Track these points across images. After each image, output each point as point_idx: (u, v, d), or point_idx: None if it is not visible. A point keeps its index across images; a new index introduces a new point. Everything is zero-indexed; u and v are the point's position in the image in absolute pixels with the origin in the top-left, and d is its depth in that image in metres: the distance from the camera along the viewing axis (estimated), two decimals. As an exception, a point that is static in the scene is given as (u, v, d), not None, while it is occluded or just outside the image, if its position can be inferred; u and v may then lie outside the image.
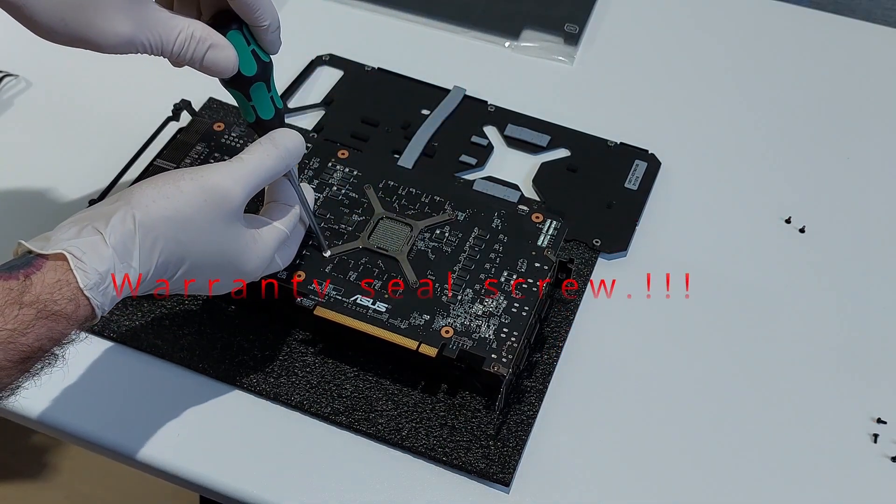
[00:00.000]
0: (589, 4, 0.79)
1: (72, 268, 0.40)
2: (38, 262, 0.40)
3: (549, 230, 0.56)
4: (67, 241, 0.41)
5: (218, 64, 0.46)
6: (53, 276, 0.40)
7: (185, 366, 0.54)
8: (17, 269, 0.39)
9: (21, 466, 1.13)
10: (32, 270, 0.40)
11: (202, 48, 0.45)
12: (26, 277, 0.39)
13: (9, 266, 0.40)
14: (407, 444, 0.51)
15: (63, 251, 0.40)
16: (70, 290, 0.40)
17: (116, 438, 0.52)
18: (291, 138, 0.49)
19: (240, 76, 0.47)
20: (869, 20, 0.78)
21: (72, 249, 0.40)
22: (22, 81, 0.70)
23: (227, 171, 0.45)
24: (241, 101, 0.49)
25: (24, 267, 0.40)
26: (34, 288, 0.39)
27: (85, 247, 0.40)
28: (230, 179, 0.45)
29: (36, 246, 0.40)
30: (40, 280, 0.39)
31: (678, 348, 0.57)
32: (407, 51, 0.74)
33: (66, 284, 0.40)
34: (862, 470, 0.52)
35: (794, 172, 0.67)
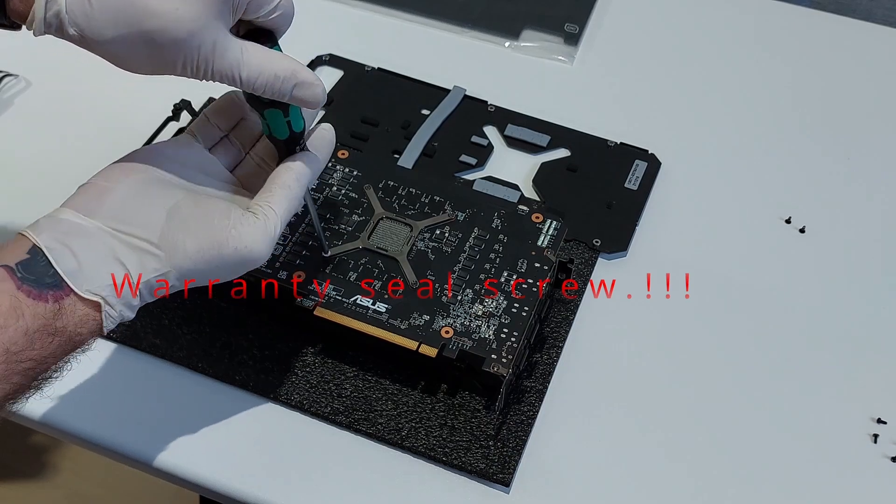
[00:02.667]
0: (589, 4, 0.79)
1: (101, 316, 0.41)
2: (66, 288, 0.40)
3: (549, 230, 0.56)
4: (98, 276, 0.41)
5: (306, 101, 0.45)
6: (82, 311, 0.41)
7: (185, 366, 0.54)
8: (45, 289, 0.40)
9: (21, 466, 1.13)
10: (62, 295, 0.40)
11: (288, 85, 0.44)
12: (55, 302, 0.40)
13: (35, 279, 0.40)
14: (407, 444, 0.51)
15: (99, 299, 0.41)
16: (94, 325, 0.41)
17: (116, 438, 0.52)
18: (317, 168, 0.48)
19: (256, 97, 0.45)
20: (869, 20, 0.78)
21: (105, 295, 0.41)
22: (22, 81, 0.70)
23: (265, 235, 0.44)
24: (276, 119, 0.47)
25: (52, 288, 0.40)
26: (63, 318, 0.40)
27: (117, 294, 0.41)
28: (266, 244, 0.44)
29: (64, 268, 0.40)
30: (70, 311, 0.40)
31: (678, 348, 0.57)
32: (407, 51, 0.74)
33: (92, 320, 0.41)
34: (862, 470, 0.52)
35: (794, 172, 0.67)
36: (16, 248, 0.41)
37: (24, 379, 0.39)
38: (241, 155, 0.50)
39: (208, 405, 0.53)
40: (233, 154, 0.49)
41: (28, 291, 0.39)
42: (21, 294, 0.39)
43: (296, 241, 0.55)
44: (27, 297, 0.39)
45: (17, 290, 0.39)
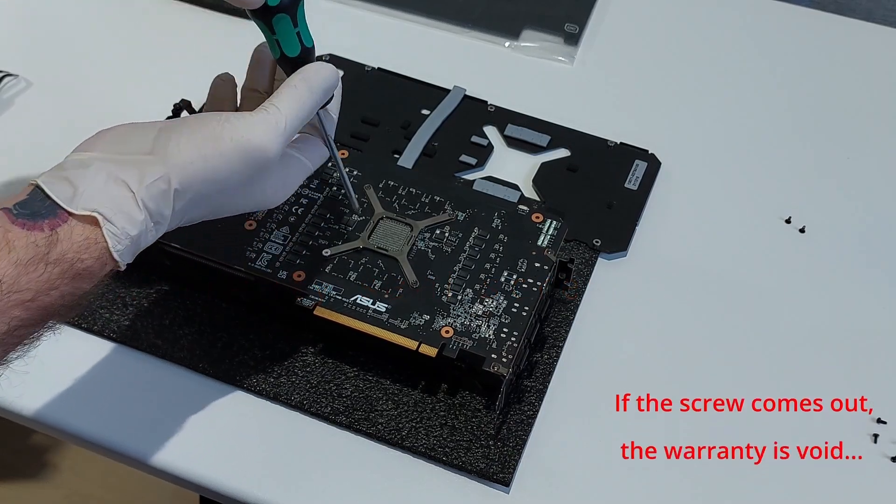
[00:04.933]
0: (589, 4, 0.79)
1: (102, 230, 0.38)
2: (62, 214, 0.38)
3: (549, 230, 0.56)
4: (95, 196, 0.39)
5: None
6: (81, 233, 0.38)
7: (185, 366, 0.54)
8: (40, 219, 0.38)
9: (21, 466, 1.13)
10: (58, 222, 0.38)
11: None
12: (52, 230, 0.38)
13: (30, 212, 0.38)
14: (407, 444, 0.51)
15: (94, 213, 0.38)
16: (98, 249, 0.39)
17: (116, 438, 0.52)
18: (326, 77, 0.46)
19: (264, 5, 0.44)
20: (869, 20, 0.78)
21: (103, 210, 0.38)
22: (22, 81, 0.70)
23: (266, 126, 0.43)
24: (266, 34, 0.46)
25: (48, 216, 0.38)
26: (60, 245, 0.38)
27: (116, 207, 0.39)
28: (270, 138, 0.43)
29: (59, 195, 0.38)
30: (67, 236, 0.38)
31: (678, 348, 0.57)
32: (407, 51, 0.74)
33: (95, 244, 0.39)
34: (862, 470, 0.52)
35: (794, 172, 0.67)
36: (18, 195, 0.39)
37: (28, 314, 0.37)
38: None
39: (208, 405, 0.53)
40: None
41: (22, 224, 0.38)
42: (15, 227, 0.37)
43: (296, 241, 0.55)
44: (20, 230, 0.37)
45: (10, 225, 0.37)
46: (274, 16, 0.45)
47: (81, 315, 0.55)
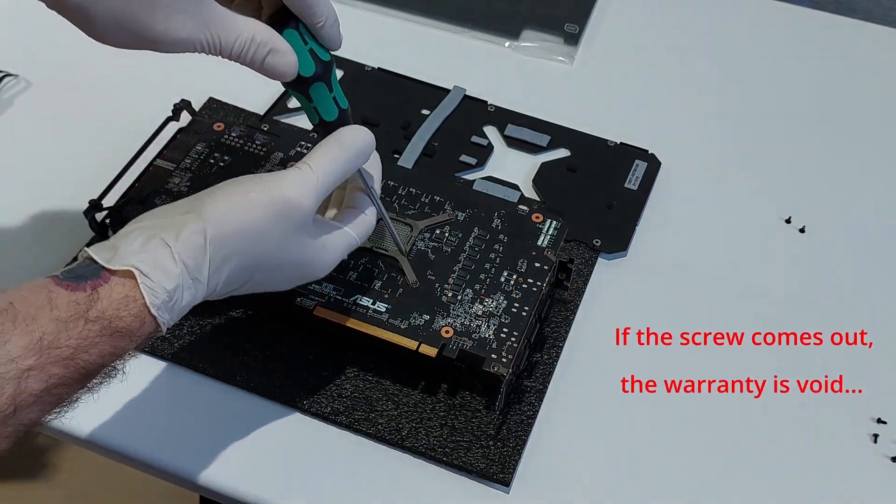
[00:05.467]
0: (589, 4, 0.79)
1: (139, 285, 0.39)
2: (104, 275, 0.39)
3: (549, 230, 0.56)
4: (135, 254, 0.40)
5: (277, 69, 0.44)
6: (121, 292, 0.39)
7: (186, 366, 0.54)
8: (83, 280, 0.39)
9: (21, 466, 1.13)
10: (99, 283, 0.39)
11: (262, 52, 0.43)
12: (93, 290, 0.39)
13: (75, 275, 0.39)
14: (407, 444, 0.51)
15: (131, 267, 0.39)
16: (137, 306, 0.39)
17: (116, 438, 0.52)
18: (359, 138, 0.47)
19: (298, 77, 0.45)
20: (869, 20, 0.78)
21: (139, 265, 0.39)
22: (22, 81, 0.70)
23: (297, 180, 0.44)
24: (303, 103, 0.47)
25: (90, 278, 0.39)
26: (100, 303, 0.38)
27: (153, 262, 0.40)
28: (301, 190, 0.44)
29: (102, 257, 0.40)
30: (107, 294, 0.39)
31: (678, 348, 0.56)
32: (407, 51, 0.74)
33: (133, 301, 0.39)
34: (862, 470, 0.52)
35: (794, 172, 0.67)
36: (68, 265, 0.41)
37: (67, 371, 0.38)
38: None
39: (209, 405, 0.53)
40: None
41: (66, 285, 0.39)
42: (58, 288, 0.38)
43: (296, 241, 0.55)
44: (64, 290, 0.38)
45: (54, 286, 0.38)
46: (310, 85, 0.46)
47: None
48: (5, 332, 0.36)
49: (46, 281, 0.39)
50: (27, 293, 0.38)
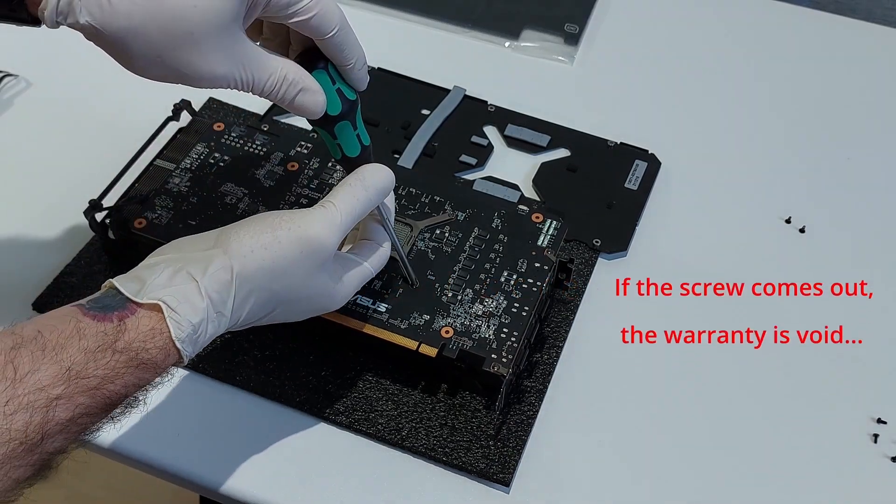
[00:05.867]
0: (589, 4, 0.79)
1: (166, 318, 0.40)
2: (130, 307, 0.40)
3: (549, 230, 0.56)
4: (161, 287, 0.40)
5: (307, 107, 0.45)
6: (147, 324, 0.40)
7: (186, 366, 0.54)
8: (110, 311, 0.40)
9: (21, 466, 1.13)
10: (126, 314, 0.40)
11: (293, 91, 0.44)
12: (120, 321, 0.39)
13: (101, 305, 0.40)
14: (407, 444, 0.51)
15: (158, 301, 0.40)
16: (162, 339, 0.40)
17: (116, 438, 0.52)
18: (381, 178, 0.48)
19: (325, 115, 0.47)
20: (869, 20, 0.78)
21: (167, 299, 0.40)
22: (22, 81, 0.70)
23: (322, 220, 0.45)
24: (327, 139, 0.48)
25: (117, 309, 0.40)
26: (127, 334, 0.39)
27: (180, 296, 0.40)
28: (326, 230, 0.45)
29: (129, 290, 0.40)
30: (134, 326, 0.40)
31: (678, 348, 0.56)
32: (407, 51, 0.74)
33: (159, 333, 0.40)
34: (862, 470, 0.52)
35: (794, 172, 0.67)
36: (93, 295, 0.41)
37: (93, 401, 0.38)
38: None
39: (208, 406, 0.53)
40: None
41: (93, 316, 0.39)
42: (86, 318, 0.39)
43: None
44: (91, 321, 0.39)
45: (82, 316, 0.39)
46: (336, 124, 0.47)
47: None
48: (35, 360, 0.37)
49: (73, 310, 0.40)
50: (55, 322, 0.39)
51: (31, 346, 0.37)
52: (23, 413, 0.36)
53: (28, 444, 0.36)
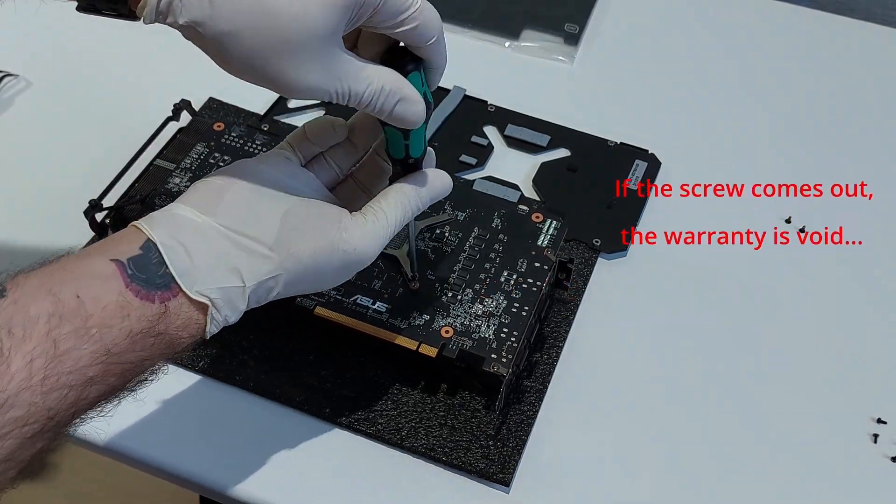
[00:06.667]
0: (589, 4, 0.79)
1: (207, 317, 0.40)
2: (174, 288, 0.39)
3: (549, 230, 0.56)
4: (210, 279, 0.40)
5: (406, 118, 0.43)
6: (187, 313, 0.40)
7: (186, 366, 0.54)
8: (153, 289, 0.39)
9: (21, 466, 1.13)
10: (168, 296, 0.39)
11: (391, 101, 0.42)
12: (162, 303, 0.39)
13: (145, 277, 0.39)
14: (407, 444, 0.51)
15: (206, 300, 0.40)
16: (197, 329, 0.40)
17: (116, 438, 0.52)
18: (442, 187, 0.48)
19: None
20: (869, 20, 0.78)
21: (214, 299, 0.40)
22: (22, 81, 0.70)
23: (374, 237, 0.44)
24: (396, 139, 0.46)
25: (160, 289, 0.39)
26: (167, 319, 0.39)
27: (226, 297, 0.40)
28: (373, 247, 0.44)
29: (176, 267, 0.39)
30: (176, 313, 0.39)
31: (678, 348, 0.57)
32: (407, 51, 0.74)
33: (195, 324, 0.40)
34: (862, 470, 0.52)
35: (794, 172, 0.67)
36: (128, 242, 0.40)
37: (121, 381, 0.39)
38: (338, 176, 0.48)
39: (208, 405, 0.53)
40: (330, 174, 0.47)
41: (136, 291, 0.38)
42: (129, 293, 0.38)
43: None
44: (135, 297, 0.38)
45: (125, 289, 0.38)
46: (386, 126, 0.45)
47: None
48: (78, 337, 0.36)
49: (114, 271, 0.38)
50: (96, 289, 0.37)
51: (74, 319, 0.36)
52: (59, 391, 0.36)
53: (57, 420, 0.36)
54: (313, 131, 0.47)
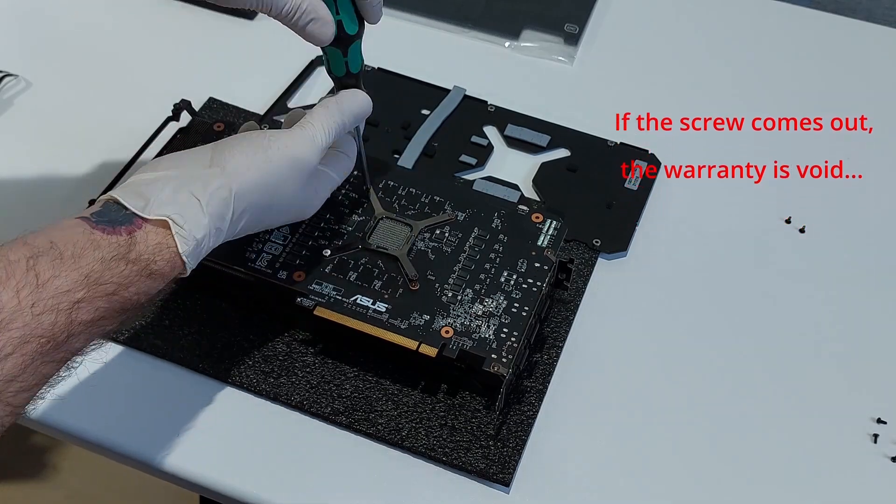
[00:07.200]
0: (589, 4, 0.79)
1: (173, 234, 0.43)
2: (137, 221, 0.43)
3: (549, 230, 0.56)
4: (166, 204, 0.43)
5: (315, 37, 0.49)
6: (154, 239, 0.43)
7: (186, 366, 0.54)
8: (118, 225, 0.42)
9: (21, 466, 1.13)
10: (134, 229, 0.42)
11: (305, 20, 0.48)
12: (129, 234, 0.42)
13: (108, 219, 0.42)
14: (407, 444, 0.51)
15: (166, 218, 0.43)
16: (169, 252, 0.43)
17: (116, 438, 0.52)
18: (359, 104, 0.52)
19: (343, 36, 0.50)
20: (869, 20, 0.78)
21: (174, 217, 0.43)
22: (22, 81, 0.70)
23: (307, 140, 0.49)
24: (335, 57, 0.51)
25: (124, 224, 0.42)
26: (137, 247, 0.42)
27: (185, 212, 0.43)
28: (310, 149, 0.49)
29: (134, 205, 0.43)
30: (143, 240, 0.42)
31: (678, 348, 0.57)
32: (407, 51, 0.74)
33: (166, 248, 0.43)
34: (862, 470, 0.52)
35: (793, 172, 0.67)
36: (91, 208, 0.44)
37: (110, 305, 0.41)
38: None
39: (208, 405, 0.53)
40: None
41: (102, 229, 0.42)
42: (97, 231, 0.41)
43: (296, 241, 0.55)
44: (102, 234, 0.41)
45: (92, 229, 0.41)
46: (351, 43, 0.51)
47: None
48: (55, 267, 0.39)
49: (79, 222, 0.42)
50: (66, 233, 0.41)
51: (49, 255, 0.39)
52: (49, 314, 0.38)
53: (55, 342, 0.39)
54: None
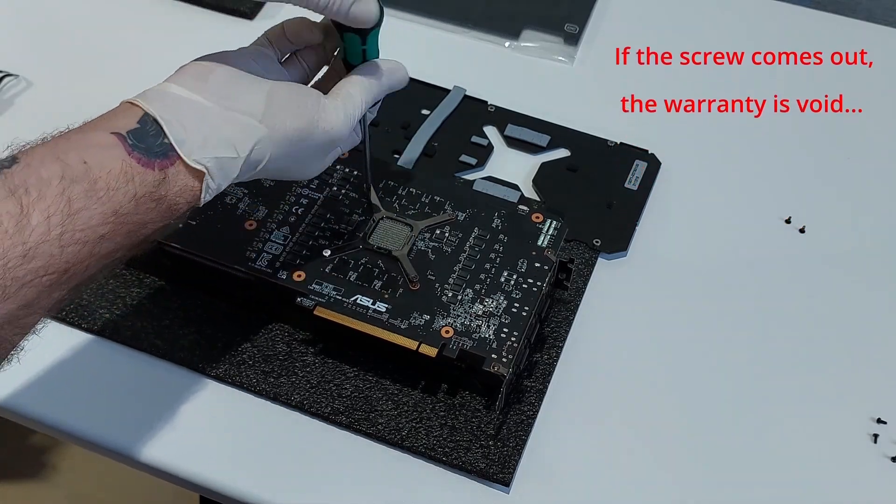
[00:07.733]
0: (589, 4, 0.79)
1: (203, 185, 0.43)
2: (172, 157, 0.42)
3: (549, 230, 0.56)
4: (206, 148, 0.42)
5: (360, 18, 0.47)
6: (184, 181, 0.42)
7: (186, 366, 0.54)
8: (153, 157, 0.41)
9: (21, 466, 1.13)
10: (167, 164, 0.42)
11: (348, 2, 0.46)
12: (162, 171, 0.41)
13: (145, 146, 0.41)
14: (407, 444, 0.51)
15: (203, 168, 0.42)
16: (192, 196, 0.43)
17: (116, 438, 0.52)
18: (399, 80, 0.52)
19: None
20: (869, 20, 0.78)
21: (210, 166, 0.42)
22: (22, 81, 0.70)
23: (347, 123, 0.48)
24: (353, 44, 0.50)
25: (159, 157, 0.41)
26: (166, 185, 0.42)
27: (220, 165, 0.43)
28: (346, 130, 0.48)
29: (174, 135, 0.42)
30: (174, 180, 0.42)
31: (678, 348, 0.57)
32: (407, 51, 0.74)
33: (190, 191, 0.43)
34: (862, 470, 0.52)
35: (794, 172, 0.67)
36: (125, 117, 0.42)
37: (128, 240, 0.41)
38: (308, 77, 0.51)
39: (209, 405, 0.53)
40: (300, 72, 0.51)
41: (138, 158, 0.41)
42: (132, 160, 0.41)
43: (296, 241, 0.55)
44: (137, 164, 0.41)
45: (127, 157, 0.41)
46: (370, 32, 0.50)
47: (81, 315, 0.55)
48: (89, 198, 0.39)
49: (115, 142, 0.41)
50: (101, 157, 0.40)
51: (83, 182, 0.39)
52: (74, 246, 0.39)
53: (72, 272, 0.39)
54: (291, 29, 0.50)
